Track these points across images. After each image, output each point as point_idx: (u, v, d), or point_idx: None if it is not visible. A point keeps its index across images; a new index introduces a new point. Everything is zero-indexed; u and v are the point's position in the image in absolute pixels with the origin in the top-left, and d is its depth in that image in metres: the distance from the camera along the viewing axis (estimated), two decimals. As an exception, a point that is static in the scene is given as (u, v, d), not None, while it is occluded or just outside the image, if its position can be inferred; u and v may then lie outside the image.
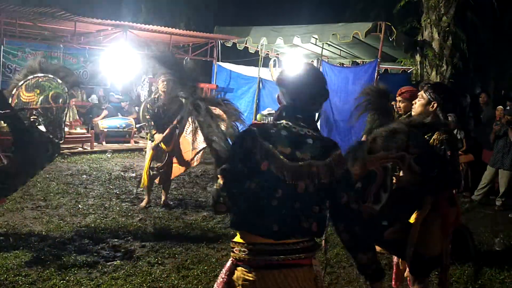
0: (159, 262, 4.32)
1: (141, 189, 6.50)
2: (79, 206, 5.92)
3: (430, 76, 9.44)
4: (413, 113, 3.21)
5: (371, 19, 12.47)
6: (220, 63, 11.74)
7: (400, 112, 4.58)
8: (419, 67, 9.65)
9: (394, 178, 2.75)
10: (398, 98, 4.57)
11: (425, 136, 2.99)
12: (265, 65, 11.66)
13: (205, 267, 4.22)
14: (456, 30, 9.51)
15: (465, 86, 13.29)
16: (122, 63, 10.91)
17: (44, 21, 9.75)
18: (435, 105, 3.07)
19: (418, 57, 9.62)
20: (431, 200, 2.90)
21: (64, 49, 11.94)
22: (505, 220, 6.63)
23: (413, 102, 4.50)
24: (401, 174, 2.74)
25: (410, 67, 10.76)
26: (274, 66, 11.85)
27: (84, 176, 7.63)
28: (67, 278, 3.85)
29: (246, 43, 11.13)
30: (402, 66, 11.63)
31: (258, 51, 11.29)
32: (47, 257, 4.22)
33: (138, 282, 3.88)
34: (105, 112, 11.30)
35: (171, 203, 6.26)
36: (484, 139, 7.86)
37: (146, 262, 4.29)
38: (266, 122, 9.99)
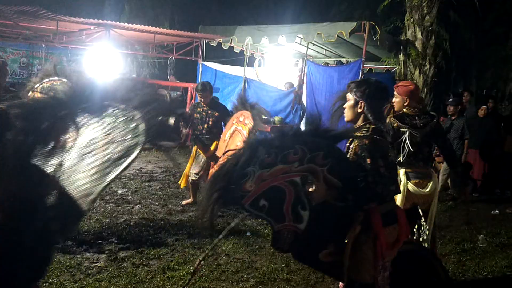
0: (144, 263, 4.28)
1: (126, 189, 6.59)
2: (62, 207, 5.83)
3: (414, 75, 9.54)
4: (345, 119, 2.84)
5: (355, 18, 12.55)
6: (205, 63, 11.69)
7: (395, 109, 4.48)
8: (402, 66, 9.73)
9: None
10: (395, 93, 4.45)
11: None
12: (251, 64, 11.65)
13: (191, 268, 4.17)
14: (439, 29, 9.60)
15: (447, 85, 13.47)
16: (105, 62, 10.79)
17: (25, 20, 9.59)
18: (362, 105, 2.71)
19: (401, 57, 9.70)
20: (361, 217, 2.51)
21: (46, 49, 11.80)
22: (488, 217, 6.72)
23: (405, 99, 4.41)
24: (312, 188, 2.36)
25: (394, 67, 10.85)
26: (259, 65, 11.86)
27: (68, 177, 7.52)
28: (50, 280, 3.79)
29: (231, 43, 11.09)
30: (386, 65, 11.72)
31: (243, 50, 11.26)
32: (29, 259, 4.15)
33: (122, 284, 3.84)
34: None
35: (156, 203, 6.23)
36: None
37: (131, 264, 4.24)
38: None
